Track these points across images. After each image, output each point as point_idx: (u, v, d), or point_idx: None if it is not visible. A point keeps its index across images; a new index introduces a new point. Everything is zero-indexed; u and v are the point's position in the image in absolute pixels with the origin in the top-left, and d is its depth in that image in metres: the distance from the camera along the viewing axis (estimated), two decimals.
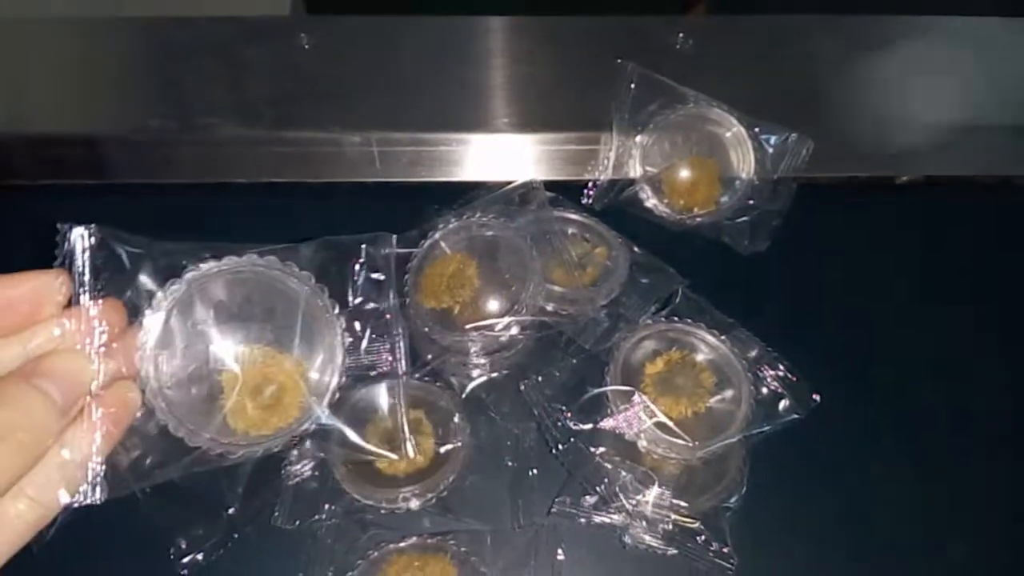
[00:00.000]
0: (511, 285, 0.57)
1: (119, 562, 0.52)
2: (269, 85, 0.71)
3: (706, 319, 0.57)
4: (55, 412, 0.33)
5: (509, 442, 0.55)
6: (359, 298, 0.45)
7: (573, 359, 0.57)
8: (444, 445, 0.53)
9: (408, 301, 0.56)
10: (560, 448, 0.54)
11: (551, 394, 0.55)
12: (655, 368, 0.55)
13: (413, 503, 0.50)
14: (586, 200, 0.66)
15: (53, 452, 0.34)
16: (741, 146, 0.66)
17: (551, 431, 0.54)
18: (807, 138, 0.64)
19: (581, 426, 0.54)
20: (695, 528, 0.52)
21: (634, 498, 0.52)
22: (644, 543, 0.52)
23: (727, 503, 0.52)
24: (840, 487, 0.56)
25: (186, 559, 0.49)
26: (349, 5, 0.84)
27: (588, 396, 0.55)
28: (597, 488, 0.53)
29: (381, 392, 0.54)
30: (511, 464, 0.54)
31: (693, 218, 0.65)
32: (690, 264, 0.60)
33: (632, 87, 0.66)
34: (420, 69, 0.72)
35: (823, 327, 0.62)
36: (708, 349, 0.56)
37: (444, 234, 0.58)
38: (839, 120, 0.71)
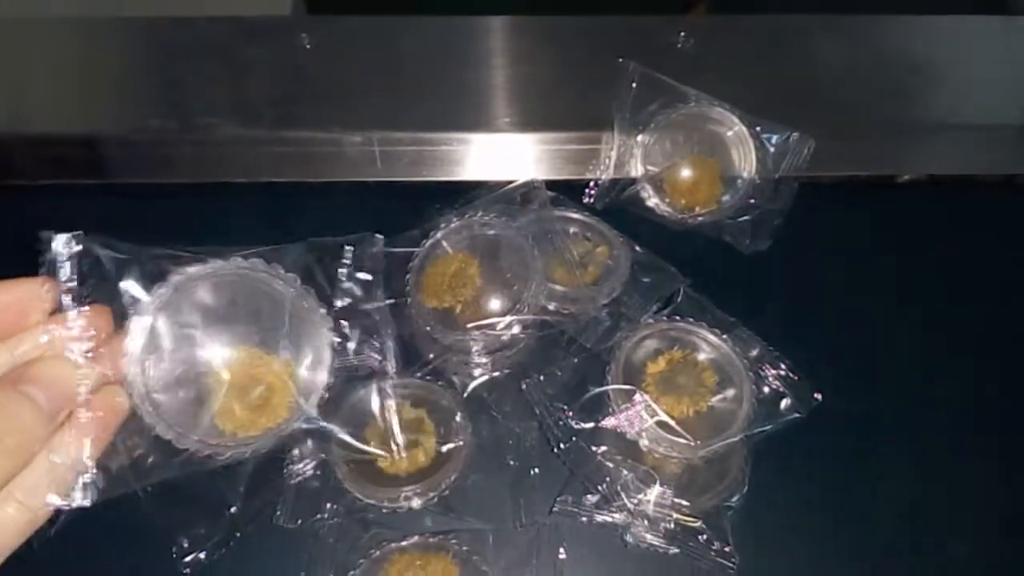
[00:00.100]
0: (513, 284, 0.57)
1: (121, 561, 0.52)
2: (269, 85, 0.71)
3: (708, 318, 0.57)
4: (42, 418, 0.33)
5: (511, 441, 0.55)
6: (346, 299, 0.45)
7: (575, 358, 0.57)
8: (446, 444, 0.53)
9: (410, 300, 0.56)
10: (562, 447, 0.54)
11: (553, 393, 0.55)
12: (657, 367, 0.55)
13: (415, 502, 0.50)
14: (587, 199, 0.66)
15: (41, 457, 0.34)
16: (743, 145, 0.66)
17: (553, 430, 0.54)
18: (809, 137, 0.64)
19: (583, 425, 0.54)
20: (697, 527, 0.52)
21: (636, 497, 0.52)
22: (646, 542, 0.52)
23: (729, 502, 0.52)
24: (841, 486, 0.56)
25: (188, 558, 0.49)
26: (350, 5, 0.84)
27: (590, 395, 0.55)
28: (599, 487, 0.53)
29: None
30: (513, 463, 0.54)
31: (695, 217, 0.65)
32: (691, 263, 0.60)
33: (633, 86, 0.66)
34: (420, 69, 0.72)
35: (825, 326, 0.62)
36: (710, 348, 0.56)
37: (446, 233, 0.58)
38: (840, 119, 0.71)
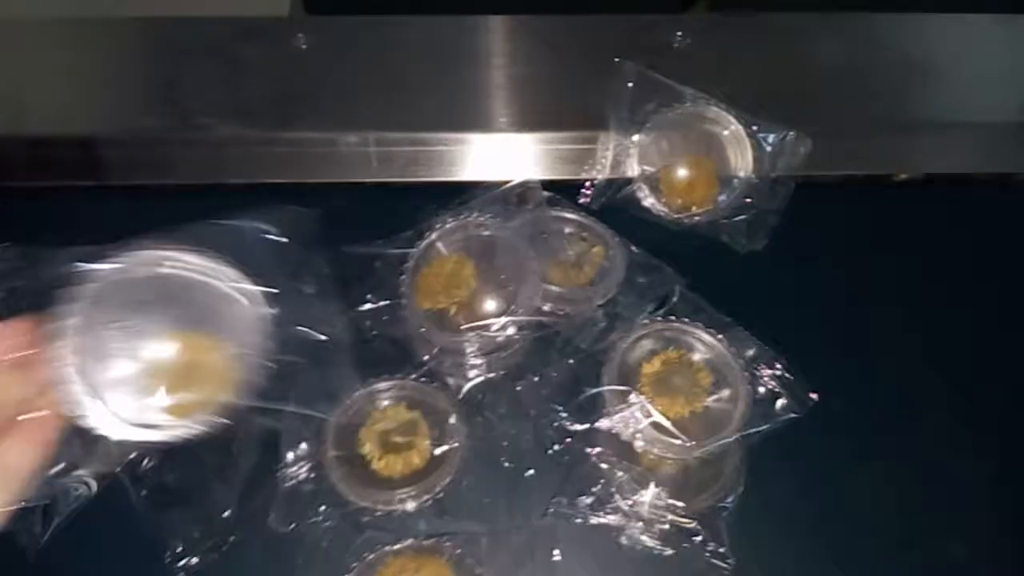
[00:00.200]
0: (508, 285, 0.57)
1: (115, 565, 0.52)
2: (266, 85, 0.71)
3: (703, 318, 0.57)
4: None
5: (506, 443, 0.55)
6: (273, 275, 0.45)
7: (570, 359, 0.57)
8: (441, 446, 0.53)
9: (404, 302, 0.56)
10: (556, 448, 0.54)
11: (548, 394, 0.55)
12: (652, 368, 0.55)
13: (409, 505, 0.51)
14: (584, 199, 0.66)
15: None
16: (739, 144, 0.66)
17: (548, 432, 0.54)
18: (805, 136, 0.64)
19: (578, 426, 0.54)
20: (692, 528, 0.52)
21: (631, 498, 0.52)
22: (641, 543, 0.52)
23: (724, 503, 0.52)
24: (837, 487, 0.56)
25: (182, 562, 0.49)
26: (347, 5, 0.84)
27: (585, 396, 0.55)
28: (593, 489, 0.53)
29: (378, 394, 0.55)
30: (507, 465, 0.54)
31: (691, 217, 0.65)
32: (688, 263, 0.60)
33: (630, 86, 0.66)
34: (416, 69, 0.71)
35: (821, 326, 0.62)
36: (705, 348, 0.56)
37: (440, 235, 0.58)
38: (837, 118, 0.71)
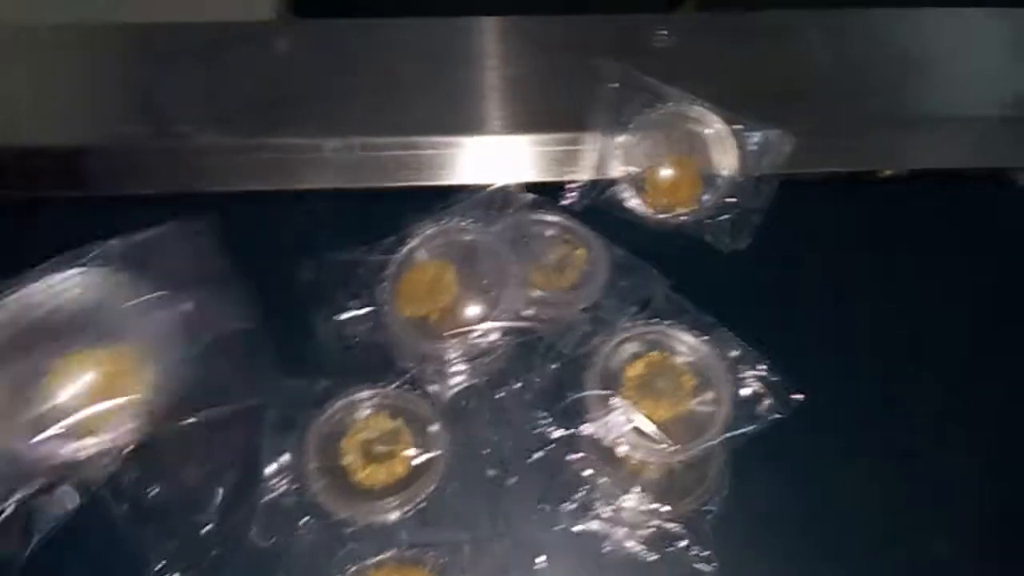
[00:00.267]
0: (490, 290, 0.57)
1: None
2: (249, 91, 0.70)
3: (687, 319, 0.57)
4: None
5: (489, 450, 0.54)
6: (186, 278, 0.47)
7: (552, 364, 0.56)
8: (423, 455, 0.52)
9: (386, 309, 0.56)
10: (539, 455, 0.53)
11: (531, 400, 0.55)
12: (635, 371, 0.55)
13: (391, 515, 0.50)
14: (567, 201, 0.65)
15: None
16: (723, 143, 0.65)
17: (530, 438, 0.54)
18: (789, 134, 0.64)
19: (561, 432, 0.54)
20: (677, 532, 0.52)
21: (614, 503, 0.52)
22: (625, 549, 0.52)
23: (708, 506, 0.52)
24: (823, 487, 0.56)
25: None
26: (332, 8, 0.83)
27: (567, 401, 0.54)
28: (577, 495, 0.53)
29: (360, 403, 0.54)
30: (490, 472, 0.54)
31: (675, 217, 0.65)
32: (671, 264, 0.60)
33: (613, 86, 0.66)
34: (399, 73, 0.71)
35: (806, 325, 0.61)
36: (689, 351, 0.56)
37: (422, 240, 0.58)
38: (820, 115, 0.70)
